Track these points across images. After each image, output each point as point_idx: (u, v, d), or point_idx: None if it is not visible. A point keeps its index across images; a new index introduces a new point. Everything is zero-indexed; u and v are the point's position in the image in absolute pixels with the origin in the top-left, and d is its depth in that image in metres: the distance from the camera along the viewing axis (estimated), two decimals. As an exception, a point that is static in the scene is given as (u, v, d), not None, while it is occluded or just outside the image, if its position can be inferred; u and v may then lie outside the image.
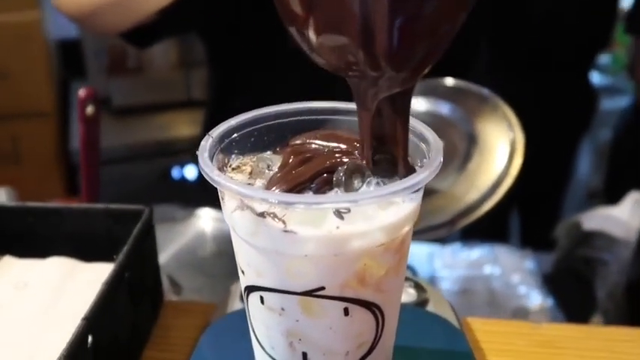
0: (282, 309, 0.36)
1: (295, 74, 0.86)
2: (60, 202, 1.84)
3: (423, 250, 1.18)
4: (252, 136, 0.41)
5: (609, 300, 0.95)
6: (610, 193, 1.46)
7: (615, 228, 1.04)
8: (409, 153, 0.38)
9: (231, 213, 0.35)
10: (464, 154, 0.88)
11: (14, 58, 1.82)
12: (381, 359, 0.40)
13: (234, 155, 0.40)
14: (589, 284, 1.03)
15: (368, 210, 0.33)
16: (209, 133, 0.38)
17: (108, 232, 0.56)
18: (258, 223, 0.34)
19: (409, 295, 0.55)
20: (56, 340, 0.46)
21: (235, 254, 0.38)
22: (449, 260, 1.17)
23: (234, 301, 0.54)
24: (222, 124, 0.39)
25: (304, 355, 0.38)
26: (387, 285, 0.36)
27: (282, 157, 0.38)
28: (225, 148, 0.39)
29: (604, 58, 2.20)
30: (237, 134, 0.40)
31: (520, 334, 0.55)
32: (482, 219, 0.80)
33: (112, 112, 1.92)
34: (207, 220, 0.86)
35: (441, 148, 0.37)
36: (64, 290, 0.52)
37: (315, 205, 0.32)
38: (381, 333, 0.38)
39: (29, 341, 0.47)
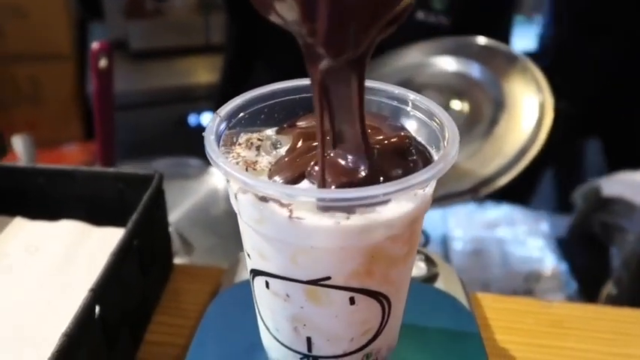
0: (287, 295, 0.36)
1: None
2: (77, 145, 1.86)
3: (439, 209, 1.17)
4: (261, 114, 0.39)
5: (624, 269, 0.94)
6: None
7: (636, 195, 1.02)
8: (409, 134, 0.36)
9: (235, 195, 0.34)
10: (490, 118, 0.86)
11: (32, -2, 1.80)
12: (387, 343, 0.40)
13: (242, 133, 0.39)
14: (604, 251, 1.02)
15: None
16: (217, 112, 0.37)
17: (119, 195, 0.56)
18: (262, 209, 0.33)
19: (419, 269, 0.54)
20: (66, 307, 0.46)
21: (242, 237, 0.37)
22: (463, 220, 1.16)
23: (243, 268, 0.54)
24: (229, 102, 0.38)
25: (308, 340, 0.37)
26: (395, 276, 0.36)
27: (292, 138, 0.37)
28: (234, 126, 0.38)
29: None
30: (245, 112, 0.39)
31: (529, 312, 0.55)
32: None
33: (129, 56, 1.90)
34: (220, 178, 0.86)
35: (457, 135, 0.35)
36: (74, 255, 0.52)
37: (319, 202, 0.30)
38: (387, 319, 0.38)
39: (39, 307, 0.47)
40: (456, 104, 0.90)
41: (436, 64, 0.93)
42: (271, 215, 0.32)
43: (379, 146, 0.34)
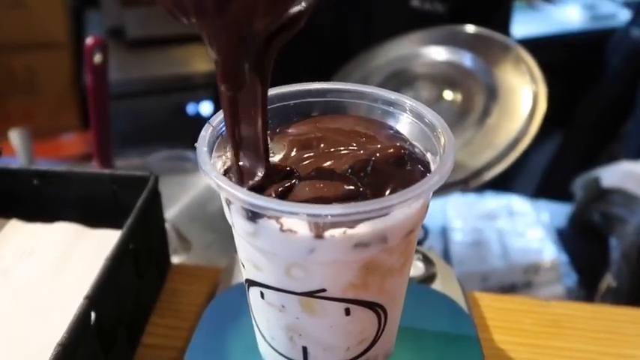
0: (283, 306, 0.35)
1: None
2: (75, 134, 1.85)
3: (436, 199, 1.17)
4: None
5: (623, 260, 0.94)
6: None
7: (637, 185, 1.01)
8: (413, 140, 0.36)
9: (229, 207, 0.34)
10: (483, 108, 0.86)
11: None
12: (384, 350, 0.40)
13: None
14: (604, 242, 1.02)
15: (372, 214, 0.32)
16: (209, 121, 0.37)
17: (114, 197, 0.56)
18: (255, 222, 0.32)
19: (417, 269, 0.54)
20: (61, 312, 0.46)
21: (236, 247, 0.37)
22: (463, 210, 1.16)
23: (240, 268, 0.54)
24: (221, 111, 0.37)
25: (304, 349, 0.37)
26: (391, 286, 0.35)
27: (285, 147, 0.37)
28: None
29: None
30: (239, 120, 0.38)
31: (528, 311, 0.55)
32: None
33: (125, 44, 1.88)
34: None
35: (454, 145, 0.35)
36: (70, 258, 0.52)
37: (312, 218, 0.30)
38: (384, 328, 0.37)
39: (34, 313, 0.47)
40: (449, 94, 0.89)
41: (428, 54, 0.92)
42: (264, 228, 0.32)
43: (376, 156, 0.34)
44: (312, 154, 0.35)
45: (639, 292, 0.94)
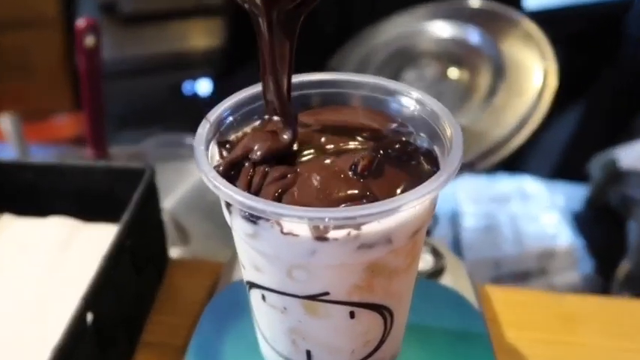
0: (285, 308, 0.36)
1: None
2: (67, 115, 1.86)
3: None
4: (254, 114, 0.39)
5: (642, 246, 0.94)
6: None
7: (656, 166, 1.01)
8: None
9: (228, 207, 0.34)
10: (490, 86, 0.85)
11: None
12: (390, 352, 0.40)
13: (233, 136, 0.39)
14: (621, 226, 1.02)
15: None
16: (206, 116, 0.37)
17: (109, 190, 0.56)
18: (255, 223, 0.33)
19: (425, 262, 0.55)
20: (58, 311, 0.47)
21: (236, 247, 0.38)
22: (473, 194, 1.16)
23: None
24: (218, 105, 0.38)
25: (308, 352, 0.38)
26: (397, 287, 0.36)
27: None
28: (225, 131, 0.38)
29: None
30: (237, 114, 0.38)
31: (541, 305, 0.55)
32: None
33: (119, 20, 1.87)
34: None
35: (461, 138, 0.35)
36: (65, 254, 0.53)
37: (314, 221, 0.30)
38: (390, 330, 0.38)
39: (30, 311, 0.48)
40: (454, 72, 0.89)
41: (432, 30, 0.92)
42: (264, 230, 0.32)
43: (380, 153, 0.34)
44: (312, 150, 0.35)
45: (659, 279, 0.95)
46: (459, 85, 0.87)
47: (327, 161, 0.34)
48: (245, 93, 0.39)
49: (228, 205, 0.34)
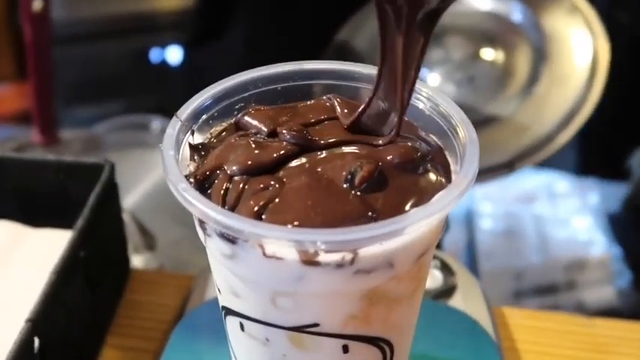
0: (267, 339, 0.36)
1: None
2: (9, 86, 1.85)
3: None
4: (234, 110, 0.40)
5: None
6: None
7: None
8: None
9: (200, 221, 0.35)
10: (530, 72, 0.85)
11: None
12: (389, 389, 0.41)
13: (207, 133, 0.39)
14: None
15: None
16: (176, 113, 0.37)
17: (61, 189, 0.57)
18: (233, 243, 0.33)
19: (434, 280, 0.55)
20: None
21: (211, 268, 0.38)
22: (492, 191, 1.16)
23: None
24: (193, 98, 0.38)
25: (293, 390, 0.38)
26: (399, 318, 0.36)
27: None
28: (202, 129, 0.38)
29: None
30: (213, 110, 0.39)
31: (567, 332, 0.56)
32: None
33: (73, -26, 1.86)
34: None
35: (477, 147, 0.35)
36: (7, 265, 0.53)
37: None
38: (390, 365, 0.39)
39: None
40: (488, 53, 0.89)
41: (463, 1, 0.92)
42: (243, 251, 0.33)
43: (383, 161, 0.35)
44: (303, 157, 0.36)
45: None
46: (493, 69, 0.87)
47: (318, 169, 0.35)
48: (224, 84, 0.39)
49: (202, 221, 0.34)
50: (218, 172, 0.35)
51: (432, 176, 0.36)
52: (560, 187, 1.16)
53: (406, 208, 0.33)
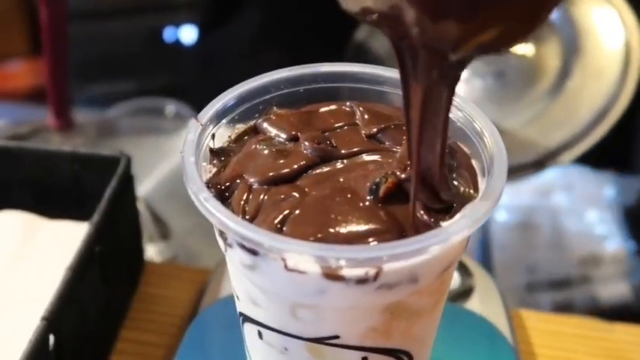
0: (285, 349, 0.36)
1: None
2: (23, 62, 1.85)
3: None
4: (255, 111, 0.39)
5: None
6: None
7: None
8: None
9: (220, 231, 0.34)
10: (561, 66, 0.84)
11: None
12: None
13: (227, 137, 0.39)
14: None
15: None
16: (197, 117, 0.36)
17: (76, 180, 0.56)
18: (255, 254, 0.32)
19: (451, 281, 0.55)
20: (13, 329, 0.47)
21: (230, 275, 0.38)
22: (508, 183, 1.15)
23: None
24: (212, 103, 0.37)
25: (311, 399, 0.38)
26: (419, 330, 0.36)
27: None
28: (222, 132, 0.38)
29: None
30: (236, 112, 0.38)
31: (585, 337, 0.56)
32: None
33: (87, -50, 1.85)
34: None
35: (505, 157, 0.34)
36: (21, 257, 0.53)
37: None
38: (408, 376, 0.38)
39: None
40: (517, 46, 0.87)
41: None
42: (264, 264, 0.32)
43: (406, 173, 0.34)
44: (324, 165, 0.35)
45: None
46: (522, 64, 0.85)
47: (340, 179, 0.34)
48: (246, 86, 0.38)
49: (222, 232, 0.34)
50: (238, 180, 0.34)
51: (459, 188, 0.35)
52: (575, 178, 1.15)
53: (432, 222, 0.32)
